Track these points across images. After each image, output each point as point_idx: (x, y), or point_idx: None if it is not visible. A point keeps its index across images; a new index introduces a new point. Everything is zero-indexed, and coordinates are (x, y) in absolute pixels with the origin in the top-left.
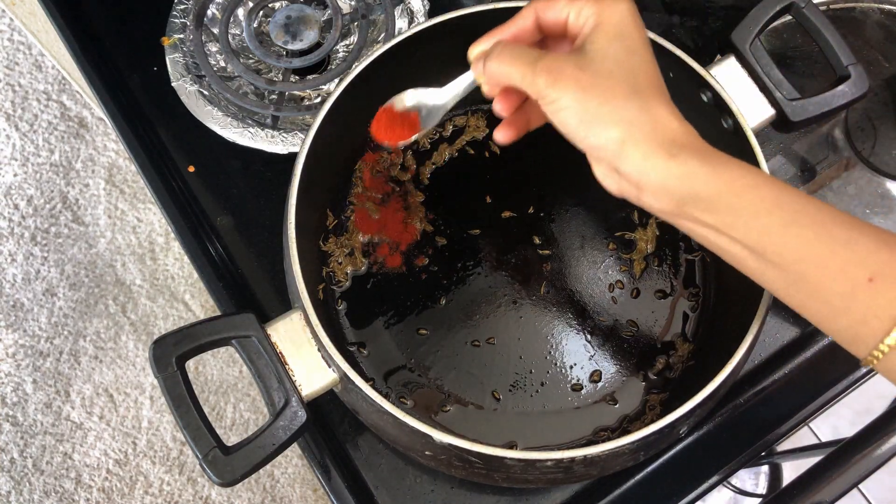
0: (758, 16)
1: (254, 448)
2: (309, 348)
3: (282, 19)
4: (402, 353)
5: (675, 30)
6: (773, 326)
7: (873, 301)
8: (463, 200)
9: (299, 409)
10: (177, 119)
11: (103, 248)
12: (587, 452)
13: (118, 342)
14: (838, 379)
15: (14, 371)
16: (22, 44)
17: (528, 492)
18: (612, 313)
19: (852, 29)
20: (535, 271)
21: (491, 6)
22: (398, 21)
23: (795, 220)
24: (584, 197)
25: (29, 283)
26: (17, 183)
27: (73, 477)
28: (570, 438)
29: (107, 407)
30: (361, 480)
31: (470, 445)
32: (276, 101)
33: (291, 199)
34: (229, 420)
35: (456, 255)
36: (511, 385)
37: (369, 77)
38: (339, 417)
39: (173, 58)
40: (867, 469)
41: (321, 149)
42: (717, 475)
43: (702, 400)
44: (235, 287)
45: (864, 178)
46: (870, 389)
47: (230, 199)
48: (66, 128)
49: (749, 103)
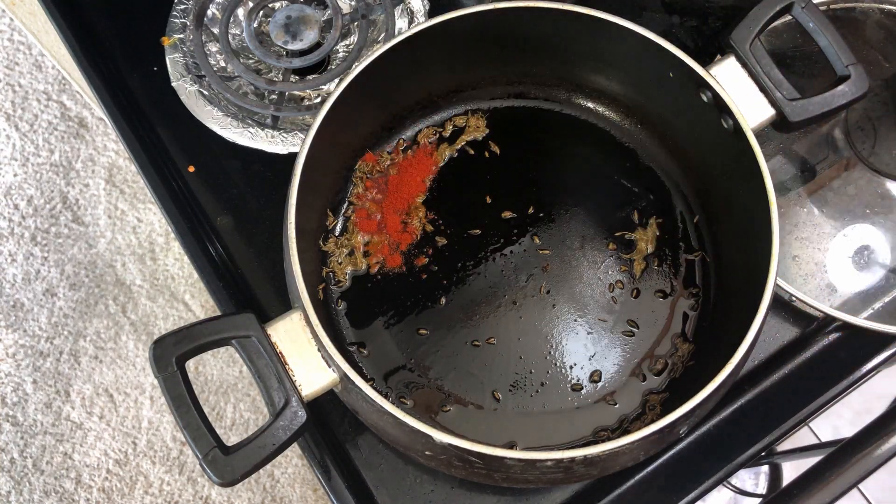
0: (758, 16)
1: (254, 448)
2: (309, 348)
3: (282, 19)
4: (402, 353)
5: (675, 30)
6: (773, 326)
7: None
8: (463, 200)
9: (299, 409)
10: (177, 119)
11: (103, 248)
12: (587, 452)
13: (118, 342)
14: (838, 379)
15: (14, 371)
16: (22, 44)
17: (528, 492)
18: (612, 313)
19: (852, 29)
20: (535, 271)
21: (491, 6)
22: (398, 21)
23: None
24: (584, 197)
25: (29, 283)
26: (17, 183)
27: (73, 477)
28: (570, 438)
29: (107, 407)
30: (361, 480)
31: (470, 445)
32: (276, 101)
33: (291, 199)
34: (229, 420)
35: (456, 255)
36: (511, 385)
37: (369, 77)
38: (339, 417)
39: (173, 58)
40: (867, 469)
41: (321, 149)
42: (717, 475)
43: (702, 400)
44: (235, 287)
45: (864, 178)
46: (870, 389)
47: (230, 199)
48: (66, 128)
49: (749, 103)
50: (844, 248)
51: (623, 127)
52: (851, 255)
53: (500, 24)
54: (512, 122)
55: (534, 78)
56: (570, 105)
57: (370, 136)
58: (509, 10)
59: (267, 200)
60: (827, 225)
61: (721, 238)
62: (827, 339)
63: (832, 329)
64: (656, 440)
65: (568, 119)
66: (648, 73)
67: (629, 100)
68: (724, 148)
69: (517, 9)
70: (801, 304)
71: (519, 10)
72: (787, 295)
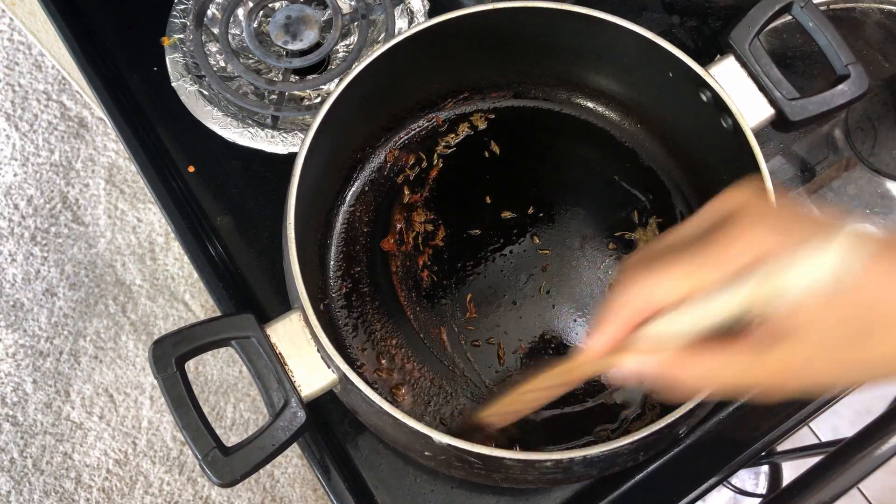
0: (757, 16)
1: (253, 448)
2: (308, 349)
3: (282, 19)
4: (402, 352)
5: (675, 30)
6: None
7: None
8: (463, 200)
9: (299, 409)
10: (177, 119)
11: (103, 248)
12: (587, 452)
13: (118, 342)
14: None
15: (14, 371)
16: (22, 44)
17: (528, 492)
18: None
19: (852, 29)
20: (535, 271)
21: (491, 6)
22: (398, 21)
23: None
24: (584, 197)
25: (29, 283)
26: (17, 183)
27: (73, 477)
28: (570, 438)
29: (107, 407)
30: (361, 480)
31: (469, 446)
32: (276, 101)
33: (291, 199)
34: (229, 420)
35: (456, 255)
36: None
37: (369, 77)
38: (339, 417)
39: (173, 58)
40: (867, 469)
41: (321, 149)
42: (717, 475)
43: (702, 399)
44: (235, 287)
45: (864, 178)
46: (870, 390)
47: (230, 199)
48: (66, 128)
49: (748, 103)
50: None
51: (623, 127)
52: None
53: (500, 24)
54: (512, 122)
55: (534, 78)
56: (570, 105)
57: (370, 136)
58: (509, 10)
59: (267, 200)
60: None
61: None
62: None
63: None
64: (656, 440)
65: (568, 119)
66: (648, 73)
67: (629, 100)
68: (723, 147)
69: (517, 9)
70: None
71: (519, 10)
72: None
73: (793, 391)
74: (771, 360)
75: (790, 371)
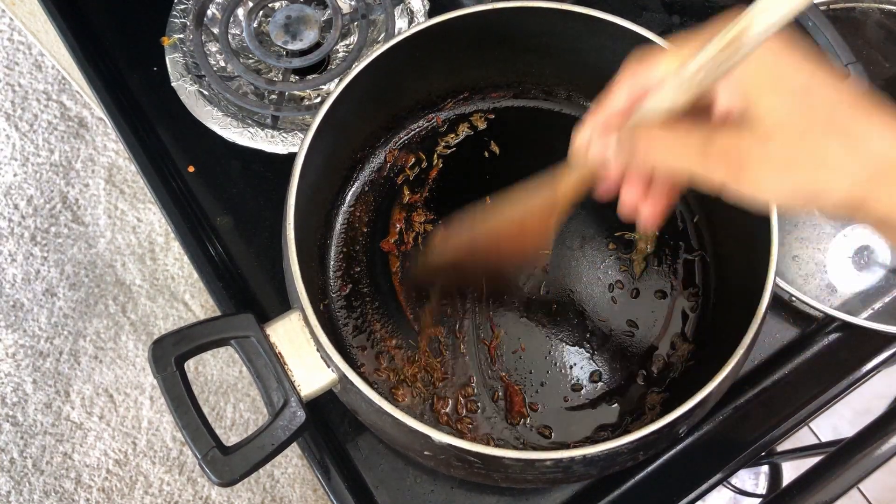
0: None
1: (253, 448)
2: (308, 349)
3: (282, 19)
4: (402, 352)
5: (675, 30)
6: (773, 326)
7: None
8: (463, 201)
9: (298, 409)
10: (177, 119)
11: (103, 248)
12: (587, 452)
13: (118, 342)
14: (838, 379)
15: (14, 371)
16: (22, 44)
17: (528, 492)
18: (612, 313)
19: (852, 29)
20: (535, 271)
21: (491, 6)
22: (398, 21)
23: None
24: (584, 197)
25: (29, 283)
26: (17, 183)
27: (73, 477)
28: (570, 438)
29: (107, 407)
30: (361, 480)
31: (469, 445)
32: (275, 101)
33: (291, 199)
34: (229, 420)
35: None
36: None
37: (369, 77)
38: (339, 417)
39: (173, 58)
40: (867, 469)
41: (321, 149)
42: (717, 475)
43: (701, 400)
44: (235, 287)
45: None
46: (870, 389)
47: (230, 199)
48: (66, 128)
49: None
50: (844, 248)
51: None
52: (851, 255)
53: (500, 24)
54: (512, 122)
55: (534, 78)
56: (570, 105)
57: (370, 136)
58: (509, 10)
59: (267, 200)
60: (827, 225)
61: (721, 238)
62: (827, 339)
63: (832, 329)
64: (656, 440)
65: (568, 119)
66: None
67: None
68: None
69: (517, 9)
70: (801, 304)
71: (519, 10)
72: (787, 295)
73: (739, 186)
74: (723, 141)
75: (739, 159)
